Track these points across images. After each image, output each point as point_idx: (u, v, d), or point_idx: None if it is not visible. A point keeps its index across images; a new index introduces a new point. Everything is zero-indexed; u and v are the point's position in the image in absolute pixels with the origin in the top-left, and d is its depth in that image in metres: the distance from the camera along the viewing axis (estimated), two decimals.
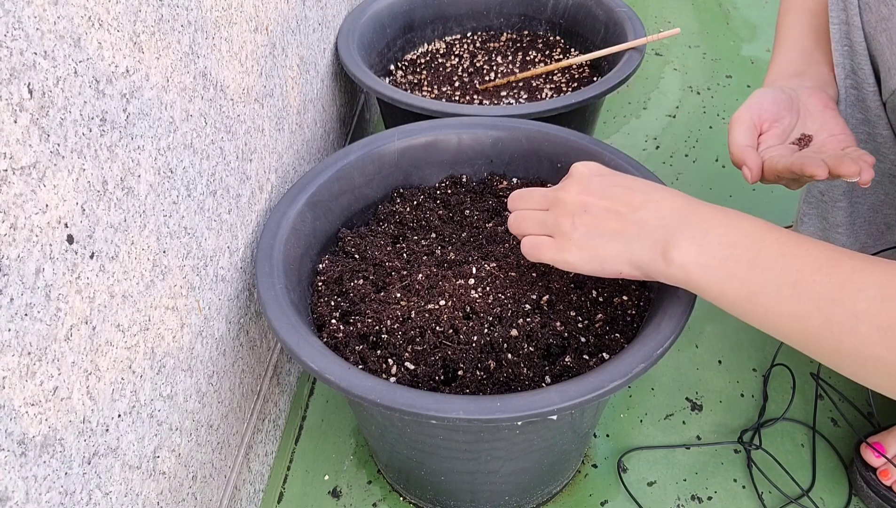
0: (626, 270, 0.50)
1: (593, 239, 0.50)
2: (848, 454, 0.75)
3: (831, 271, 0.41)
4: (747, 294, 0.44)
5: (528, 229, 0.55)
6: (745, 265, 0.44)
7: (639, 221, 0.48)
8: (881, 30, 0.57)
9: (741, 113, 0.61)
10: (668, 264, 0.47)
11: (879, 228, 0.70)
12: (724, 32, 1.47)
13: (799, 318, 0.42)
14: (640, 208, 0.49)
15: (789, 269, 0.43)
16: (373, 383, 0.50)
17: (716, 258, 0.45)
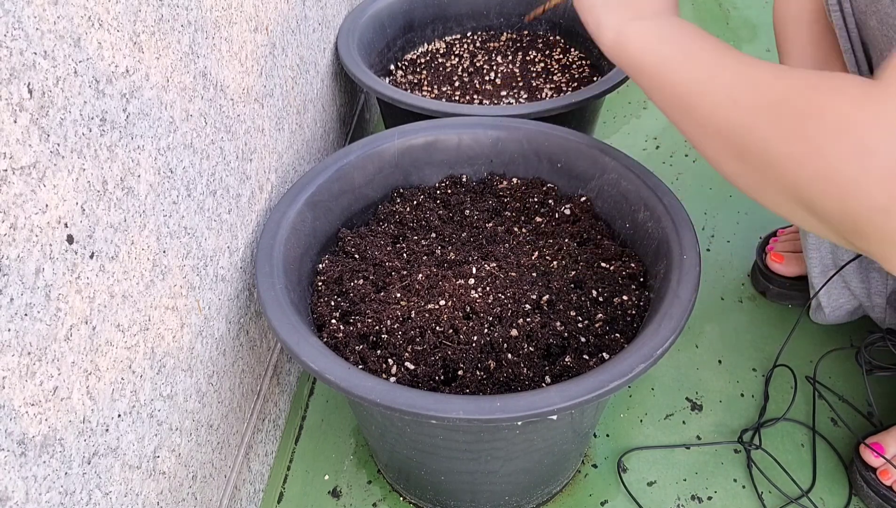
0: (595, 31, 0.59)
1: (597, 7, 0.59)
2: (848, 454, 0.75)
3: (739, 68, 0.47)
4: (679, 91, 0.50)
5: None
6: (680, 59, 0.50)
7: (620, 6, 0.57)
8: (871, 13, 0.57)
9: None
10: (617, 38, 0.56)
11: None
12: (724, 32, 1.47)
13: (695, 93, 0.48)
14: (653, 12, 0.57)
15: (717, 67, 0.48)
16: (373, 383, 0.50)
17: (653, 46, 0.53)
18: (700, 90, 0.48)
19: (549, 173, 0.76)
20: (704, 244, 0.99)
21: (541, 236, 0.71)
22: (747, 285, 0.94)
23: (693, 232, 0.61)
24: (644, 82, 0.54)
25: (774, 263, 0.89)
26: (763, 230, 0.97)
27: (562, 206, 0.74)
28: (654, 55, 0.52)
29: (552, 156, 0.75)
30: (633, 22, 0.56)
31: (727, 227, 1.02)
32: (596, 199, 0.73)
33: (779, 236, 0.93)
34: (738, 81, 0.45)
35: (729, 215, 1.04)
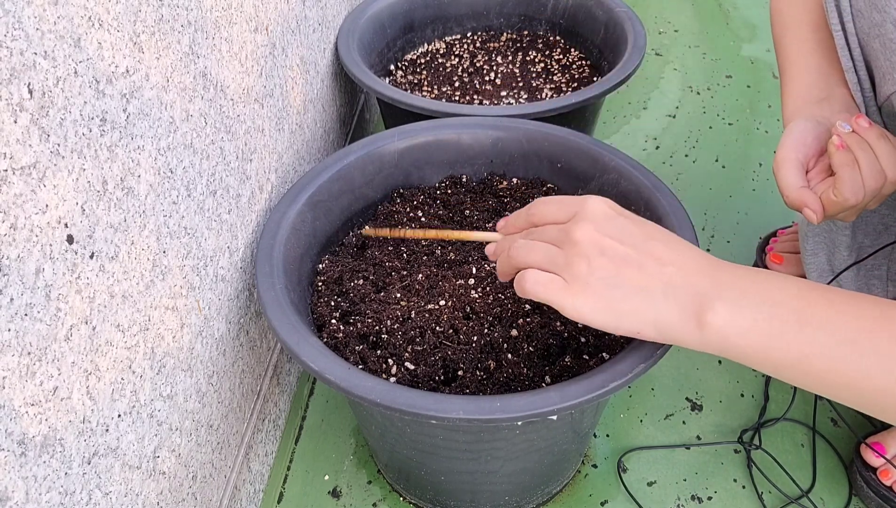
0: (647, 330, 0.45)
1: (612, 289, 0.45)
2: (848, 454, 0.75)
3: (891, 327, 0.40)
4: (798, 356, 0.42)
5: (535, 260, 0.48)
6: (793, 326, 0.42)
7: (665, 278, 0.44)
8: (874, 35, 0.57)
9: (787, 153, 0.58)
10: (701, 328, 0.43)
11: (877, 228, 0.70)
12: (724, 32, 1.47)
13: (861, 378, 0.40)
14: (666, 263, 0.45)
15: (844, 327, 0.41)
16: (373, 383, 0.50)
17: (758, 321, 0.42)
18: (837, 363, 0.41)
19: (549, 173, 0.76)
20: (704, 244, 1.00)
21: None
22: None
23: (693, 232, 0.61)
24: (756, 362, 0.44)
25: (774, 263, 0.89)
26: (763, 230, 0.97)
27: None
28: (789, 352, 0.42)
29: (552, 156, 0.75)
30: (704, 311, 0.43)
31: (727, 227, 1.02)
32: None
33: (779, 236, 0.93)
34: (879, 346, 0.40)
35: (729, 215, 1.04)
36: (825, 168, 0.58)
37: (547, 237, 0.49)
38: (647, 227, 0.48)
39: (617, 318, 0.45)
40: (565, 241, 0.47)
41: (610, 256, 0.45)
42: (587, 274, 0.45)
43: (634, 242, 0.45)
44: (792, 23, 0.67)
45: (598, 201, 0.48)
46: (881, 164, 0.55)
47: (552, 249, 0.47)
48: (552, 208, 0.50)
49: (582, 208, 0.48)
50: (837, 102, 0.61)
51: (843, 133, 0.56)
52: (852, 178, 0.54)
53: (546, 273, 0.47)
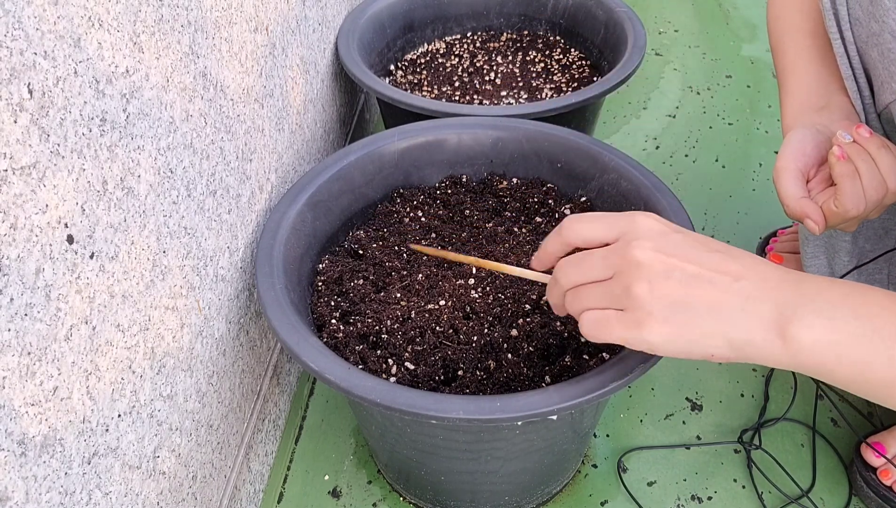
0: (721, 351, 0.41)
1: (680, 313, 0.40)
2: (848, 454, 0.75)
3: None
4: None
5: (590, 301, 0.44)
6: (893, 341, 0.38)
7: (741, 292, 0.40)
8: (872, 45, 0.56)
9: (786, 162, 0.57)
10: (786, 343, 0.40)
11: (877, 232, 0.70)
12: (724, 32, 1.47)
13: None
14: (740, 276, 0.41)
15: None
16: (373, 383, 0.50)
17: (853, 335, 0.39)
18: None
19: (549, 173, 0.76)
20: None
21: (541, 236, 0.71)
22: None
23: None
24: (848, 380, 0.41)
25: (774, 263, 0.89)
26: (763, 230, 0.97)
27: (562, 206, 0.74)
28: (891, 369, 0.39)
29: (552, 156, 0.75)
30: (789, 324, 0.40)
31: (727, 227, 1.02)
32: (596, 199, 0.73)
33: (779, 236, 0.93)
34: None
35: (729, 215, 1.04)
36: (826, 178, 0.58)
37: (595, 264, 0.44)
38: (708, 241, 0.44)
39: (689, 344, 0.41)
40: (621, 265, 0.42)
41: (677, 277, 0.41)
42: (650, 299, 0.41)
43: (699, 258, 0.42)
44: (790, 30, 0.67)
45: (649, 218, 0.44)
46: (882, 174, 0.54)
47: (605, 284, 0.43)
48: (591, 227, 0.46)
49: (632, 225, 0.44)
50: (837, 110, 0.61)
51: (843, 143, 0.55)
52: (853, 189, 0.54)
53: (601, 311, 0.43)
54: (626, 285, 0.42)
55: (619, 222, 0.45)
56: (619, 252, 0.43)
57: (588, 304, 0.44)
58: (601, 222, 0.45)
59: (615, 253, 0.43)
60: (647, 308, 0.41)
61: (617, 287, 0.42)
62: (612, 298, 0.43)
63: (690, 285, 0.41)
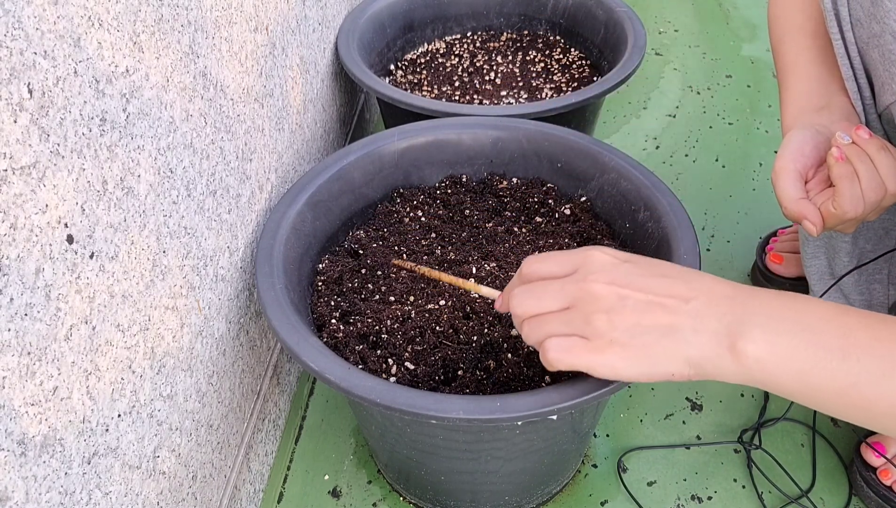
0: (680, 369, 0.43)
1: (639, 336, 0.43)
2: (848, 454, 0.75)
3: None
4: (843, 386, 0.40)
5: (552, 329, 0.46)
6: (837, 354, 0.40)
7: (692, 312, 0.42)
8: (873, 46, 0.56)
9: (785, 163, 0.58)
10: (737, 358, 0.41)
11: (878, 233, 0.70)
12: (724, 32, 1.47)
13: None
14: (689, 298, 0.43)
15: (890, 354, 0.39)
16: (373, 383, 0.50)
17: (798, 348, 0.40)
18: (886, 391, 0.39)
19: (549, 173, 0.76)
20: (704, 244, 1.00)
21: (541, 236, 0.71)
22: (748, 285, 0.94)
23: (693, 232, 0.61)
24: (796, 392, 0.42)
25: (774, 263, 0.89)
26: (763, 230, 0.97)
27: (562, 206, 0.74)
28: (834, 382, 0.40)
29: (552, 156, 0.75)
30: (738, 339, 0.41)
31: (727, 227, 1.02)
32: (596, 199, 0.73)
33: (779, 236, 0.93)
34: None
35: (729, 215, 1.04)
36: (824, 179, 0.58)
37: (552, 295, 0.46)
38: (658, 267, 0.46)
39: (651, 366, 0.43)
40: (579, 298, 0.45)
41: (631, 306, 0.43)
42: (610, 328, 0.43)
43: (650, 285, 0.44)
44: (791, 30, 0.67)
45: (600, 251, 0.47)
46: (881, 176, 0.54)
47: (564, 313, 0.45)
48: (548, 266, 0.48)
49: (585, 260, 0.46)
50: (837, 111, 0.61)
51: (842, 144, 0.55)
52: (852, 190, 0.54)
53: (565, 338, 0.45)
54: (585, 315, 0.44)
55: (574, 258, 0.47)
56: (577, 285, 0.45)
57: (550, 331, 0.46)
58: (557, 259, 0.48)
59: (572, 285, 0.45)
60: (608, 336, 0.43)
61: (577, 317, 0.44)
62: (573, 327, 0.45)
63: (644, 312, 0.43)
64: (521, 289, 0.48)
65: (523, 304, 0.47)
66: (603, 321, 0.43)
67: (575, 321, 0.45)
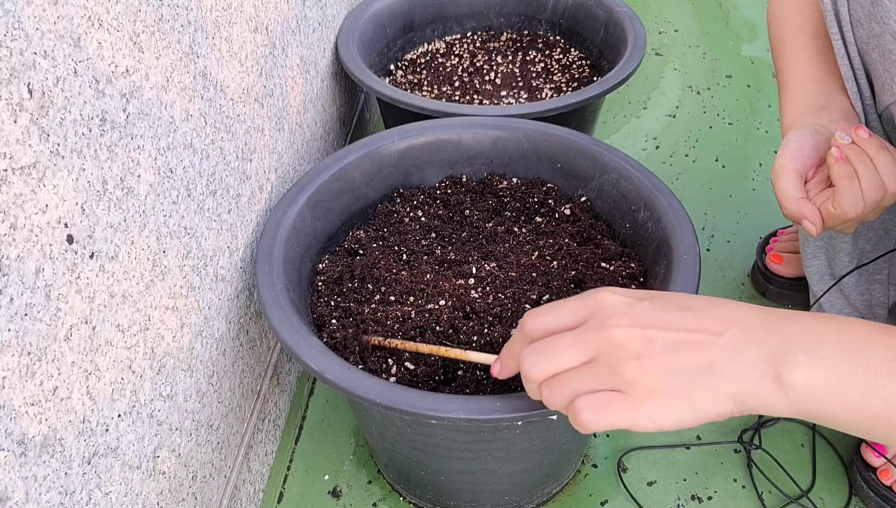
0: (725, 408, 0.39)
1: (676, 379, 0.38)
2: (848, 454, 0.75)
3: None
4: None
5: (577, 388, 0.40)
6: (888, 378, 0.36)
7: (727, 345, 0.38)
8: (873, 46, 0.56)
9: (785, 162, 0.57)
10: (783, 389, 0.37)
11: (878, 233, 0.70)
12: (724, 32, 1.47)
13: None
14: (721, 330, 0.39)
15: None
16: (373, 383, 0.50)
17: (848, 373, 0.37)
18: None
19: (549, 173, 0.76)
20: (704, 244, 0.99)
21: (541, 236, 0.71)
22: (747, 285, 0.94)
23: (693, 232, 0.61)
24: (847, 422, 0.38)
25: (774, 263, 0.89)
26: (763, 230, 0.97)
27: (562, 206, 0.74)
28: (855, 397, 0.37)
29: (552, 156, 0.75)
30: (783, 369, 0.37)
31: (727, 227, 1.02)
32: (596, 199, 0.73)
33: (779, 236, 0.93)
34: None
35: (729, 215, 1.04)
36: (824, 179, 0.58)
37: (568, 350, 0.41)
38: (676, 299, 0.42)
39: (695, 410, 0.39)
40: (601, 347, 0.40)
41: (659, 346, 0.39)
42: (643, 375, 0.39)
43: (675, 322, 0.40)
44: (791, 30, 0.67)
45: (610, 292, 0.42)
46: (881, 176, 0.54)
47: (587, 368, 0.40)
48: (555, 319, 0.43)
49: (597, 304, 0.42)
50: (837, 111, 0.61)
51: (842, 144, 0.55)
52: (851, 190, 0.54)
53: (595, 395, 0.40)
54: (612, 365, 0.39)
55: (582, 305, 0.43)
56: (595, 334, 0.40)
57: (575, 390, 0.41)
58: (563, 309, 0.43)
59: (590, 334, 0.41)
60: (643, 385, 0.39)
61: (602, 370, 0.40)
62: (601, 381, 0.40)
63: (676, 351, 0.39)
64: (531, 350, 0.42)
65: (538, 366, 0.41)
66: (634, 368, 0.39)
67: (602, 375, 0.40)
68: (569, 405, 0.41)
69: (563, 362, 0.41)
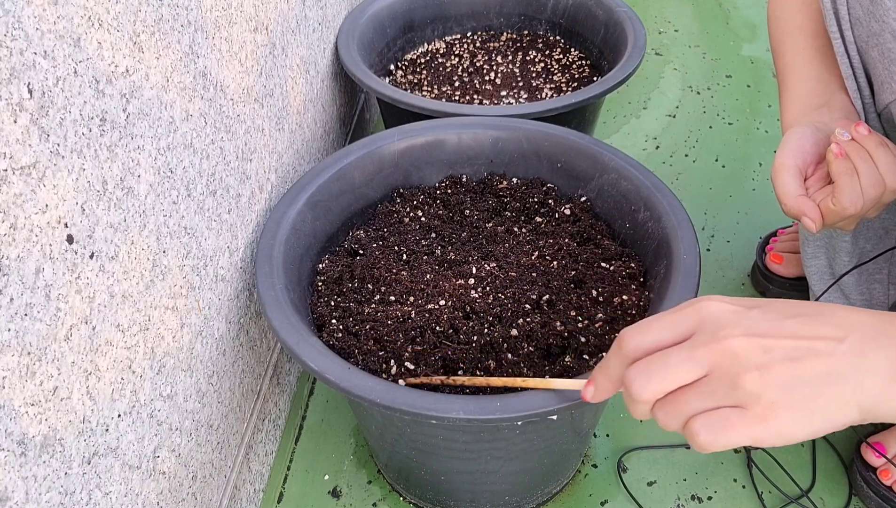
0: (851, 417, 0.38)
1: (798, 389, 0.37)
2: (848, 454, 0.75)
3: None
4: None
5: (695, 407, 0.38)
6: None
7: (850, 352, 0.37)
8: (872, 45, 0.56)
9: (785, 159, 0.57)
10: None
11: (877, 232, 0.70)
12: (724, 32, 1.47)
13: None
14: (842, 337, 0.38)
15: None
16: (373, 383, 0.50)
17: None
18: None
19: (549, 173, 0.76)
20: (704, 244, 0.99)
21: (541, 236, 0.71)
22: (747, 285, 0.94)
23: (693, 232, 0.61)
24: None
25: (774, 263, 0.89)
26: (763, 230, 0.97)
27: (562, 206, 0.74)
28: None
29: (552, 156, 0.75)
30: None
31: (727, 227, 1.02)
32: (596, 199, 0.73)
33: (779, 236, 0.93)
34: None
35: (729, 215, 1.04)
36: (824, 176, 0.58)
37: (679, 367, 0.39)
38: (787, 307, 0.40)
39: (822, 421, 0.37)
40: (716, 361, 0.38)
41: (779, 357, 0.37)
42: (764, 388, 0.37)
43: (792, 329, 0.38)
44: (791, 29, 0.67)
45: (716, 301, 0.40)
46: (880, 172, 0.54)
47: (702, 384, 0.38)
48: (656, 336, 0.41)
49: (703, 314, 0.40)
50: (837, 109, 0.61)
51: (842, 141, 0.55)
52: (851, 186, 0.54)
53: (712, 413, 0.38)
54: (730, 379, 0.38)
55: (686, 317, 0.40)
56: (708, 347, 0.38)
57: (692, 410, 0.39)
58: (663, 324, 0.41)
59: (702, 348, 0.38)
60: (766, 398, 0.37)
61: (720, 384, 0.38)
62: (718, 397, 0.38)
63: (798, 360, 0.37)
64: (638, 369, 0.40)
65: (648, 387, 0.39)
66: (754, 380, 0.37)
67: (719, 390, 0.38)
68: (684, 427, 0.39)
69: (676, 379, 0.39)
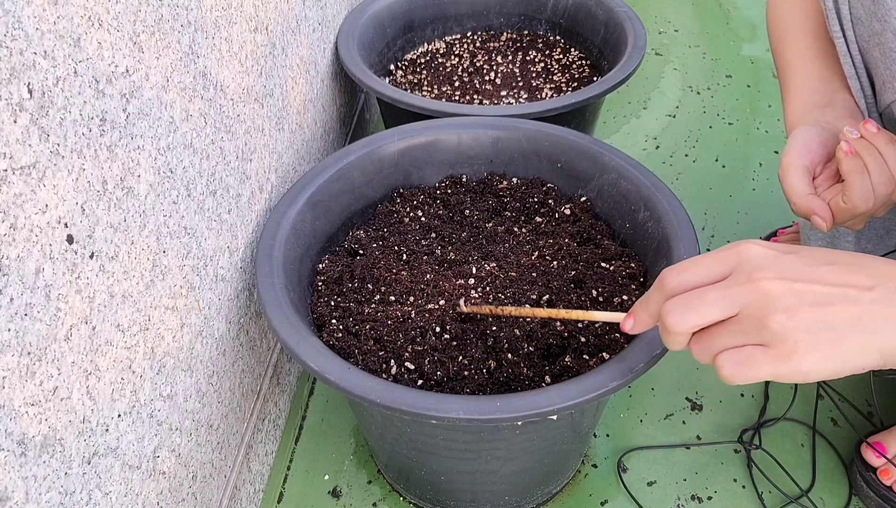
0: (872, 360, 0.39)
1: (823, 333, 0.39)
2: (848, 454, 0.75)
3: None
4: None
5: (723, 343, 0.41)
6: None
7: (878, 300, 0.39)
8: (874, 44, 0.56)
9: (793, 159, 0.57)
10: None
11: (879, 232, 0.70)
12: (724, 32, 1.47)
13: None
14: (872, 285, 0.39)
15: None
16: (373, 383, 0.50)
17: None
18: None
19: (549, 173, 0.76)
20: (704, 244, 0.99)
21: (541, 236, 0.71)
22: None
23: (693, 232, 0.61)
24: None
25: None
26: (763, 230, 0.97)
27: (562, 206, 0.74)
28: None
29: (552, 156, 0.75)
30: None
31: (727, 227, 1.02)
32: (596, 199, 0.73)
33: (779, 236, 0.93)
34: None
35: (729, 215, 1.04)
36: (832, 174, 0.58)
37: (714, 304, 0.41)
38: (823, 254, 0.42)
39: (842, 362, 0.39)
40: (749, 301, 0.40)
41: (809, 300, 0.39)
42: (791, 329, 0.39)
43: (823, 275, 0.40)
44: (791, 29, 0.67)
45: (755, 244, 0.42)
46: (890, 169, 0.54)
47: (734, 322, 0.41)
48: (697, 273, 0.43)
49: (741, 257, 0.42)
50: (840, 108, 0.60)
51: (851, 139, 0.55)
52: (862, 184, 0.53)
53: (740, 349, 0.40)
54: (759, 319, 0.39)
55: (725, 258, 0.42)
56: (743, 286, 0.40)
57: (721, 346, 0.41)
58: (705, 263, 0.43)
59: (737, 287, 0.40)
60: (791, 338, 0.39)
61: (749, 323, 0.40)
62: (747, 335, 0.40)
63: (825, 305, 0.39)
64: (676, 303, 0.42)
65: (685, 320, 0.41)
66: (782, 321, 0.39)
67: (748, 329, 0.40)
68: (713, 360, 0.41)
69: (710, 315, 0.41)
